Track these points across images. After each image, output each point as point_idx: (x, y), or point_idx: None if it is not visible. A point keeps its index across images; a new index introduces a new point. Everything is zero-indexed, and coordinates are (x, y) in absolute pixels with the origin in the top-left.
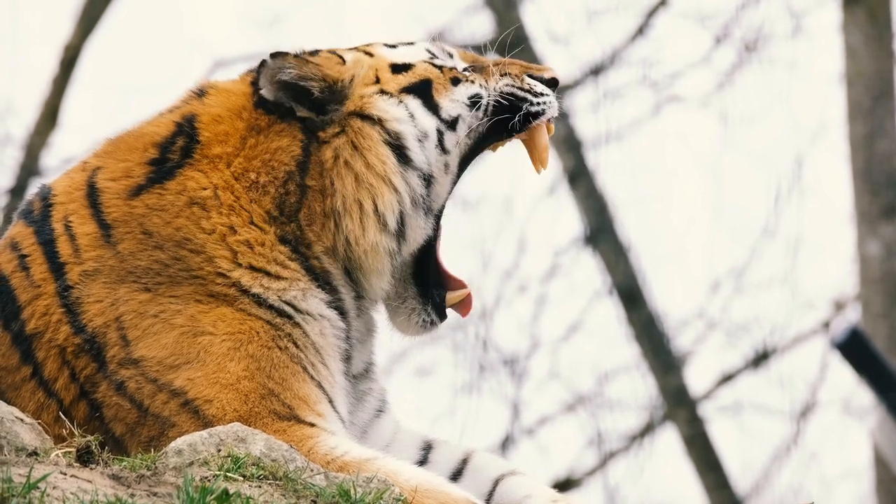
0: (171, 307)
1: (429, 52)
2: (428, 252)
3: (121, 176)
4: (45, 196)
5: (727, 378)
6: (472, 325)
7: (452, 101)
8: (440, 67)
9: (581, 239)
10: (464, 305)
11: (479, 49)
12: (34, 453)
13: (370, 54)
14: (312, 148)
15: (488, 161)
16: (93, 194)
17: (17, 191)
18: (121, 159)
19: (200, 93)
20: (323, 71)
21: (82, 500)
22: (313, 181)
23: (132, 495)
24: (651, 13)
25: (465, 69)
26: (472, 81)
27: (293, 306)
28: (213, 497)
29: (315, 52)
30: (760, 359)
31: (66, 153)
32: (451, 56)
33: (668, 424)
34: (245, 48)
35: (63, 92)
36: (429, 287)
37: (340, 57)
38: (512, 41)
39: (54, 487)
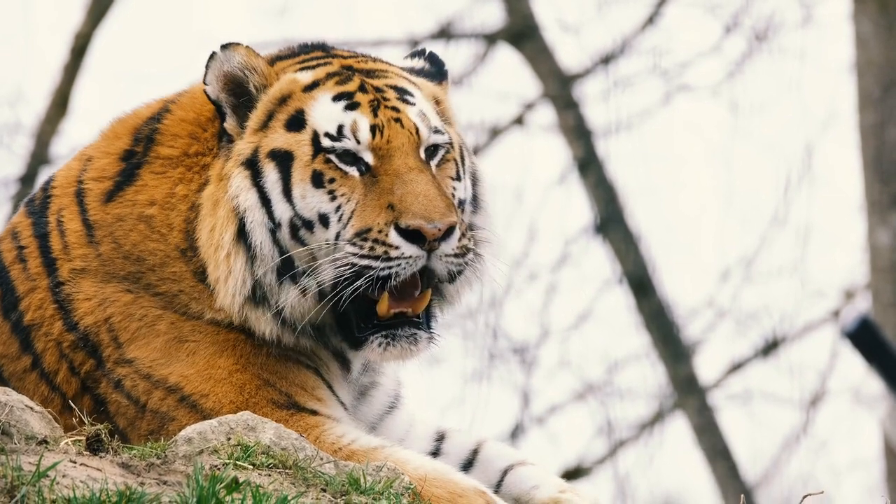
0: (152, 312)
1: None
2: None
3: (99, 176)
4: (47, 187)
5: (737, 367)
6: (482, 313)
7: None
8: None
9: (591, 228)
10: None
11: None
12: (44, 441)
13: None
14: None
15: (498, 150)
16: (80, 192)
17: (27, 179)
18: (106, 151)
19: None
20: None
21: (92, 489)
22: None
23: (142, 484)
24: (661, 2)
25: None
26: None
27: (244, 329)
28: (222, 485)
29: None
30: (770, 348)
31: (76, 141)
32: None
33: (678, 413)
34: (254, 38)
35: (73, 80)
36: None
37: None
38: (522, 31)
39: (64, 475)
